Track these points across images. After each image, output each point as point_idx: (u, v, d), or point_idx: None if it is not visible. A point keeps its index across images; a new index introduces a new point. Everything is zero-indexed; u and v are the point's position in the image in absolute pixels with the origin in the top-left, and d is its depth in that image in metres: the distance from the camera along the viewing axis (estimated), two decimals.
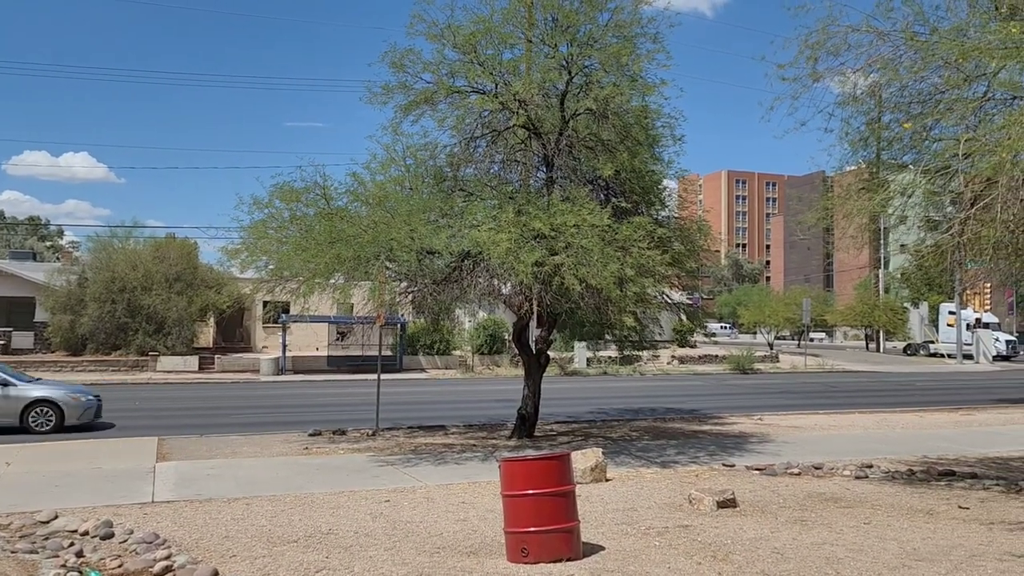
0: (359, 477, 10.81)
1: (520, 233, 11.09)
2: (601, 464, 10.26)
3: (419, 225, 11.67)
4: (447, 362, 38.62)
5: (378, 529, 7.67)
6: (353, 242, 11.75)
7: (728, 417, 18.84)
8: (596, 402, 23.29)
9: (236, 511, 8.47)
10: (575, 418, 18.80)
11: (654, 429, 16.52)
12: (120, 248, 39.31)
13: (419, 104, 12.84)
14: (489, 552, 6.83)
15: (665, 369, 39.90)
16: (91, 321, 35.16)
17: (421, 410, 20.57)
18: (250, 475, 10.88)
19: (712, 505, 8.46)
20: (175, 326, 35.84)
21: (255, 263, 13.59)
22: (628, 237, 11.27)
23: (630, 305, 11.69)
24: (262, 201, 13.36)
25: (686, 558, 6.59)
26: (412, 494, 9.56)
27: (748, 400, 24.30)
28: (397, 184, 13.21)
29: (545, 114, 13.10)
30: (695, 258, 14.24)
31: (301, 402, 23.94)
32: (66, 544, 7.03)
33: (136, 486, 9.96)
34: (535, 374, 15.27)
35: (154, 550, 6.84)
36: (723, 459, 12.25)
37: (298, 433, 15.31)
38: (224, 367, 35.14)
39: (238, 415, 19.97)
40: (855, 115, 11.08)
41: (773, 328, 55.22)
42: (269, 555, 6.67)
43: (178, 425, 17.07)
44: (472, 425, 17.12)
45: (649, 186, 13.22)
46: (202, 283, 37.73)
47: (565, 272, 10.80)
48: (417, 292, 13.17)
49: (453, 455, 12.88)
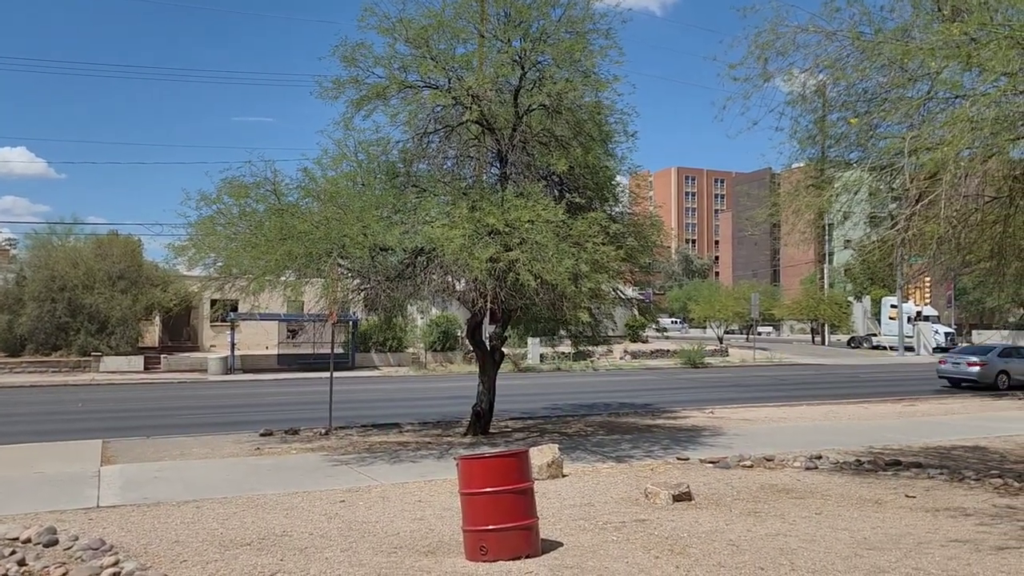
0: (313, 477, 10.65)
1: (474, 229, 11.03)
2: (557, 460, 10.27)
3: (372, 221, 11.53)
4: (400, 359, 38.38)
5: (334, 530, 7.56)
6: (304, 239, 11.57)
7: (681, 411, 19.06)
8: (550, 398, 23.36)
9: (186, 514, 8.26)
10: (530, 414, 18.82)
11: (609, 424, 16.63)
12: (60, 245, 38.15)
13: (371, 99, 12.69)
14: (447, 551, 6.77)
15: (618, 364, 40.25)
16: (30, 321, 34.04)
17: (375, 408, 20.38)
18: (200, 477, 10.63)
19: (668, 499, 8.53)
20: (119, 325, 34.92)
21: (203, 260, 13.27)
22: (582, 233, 11.30)
23: (585, 301, 11.72)
24: (210, 197, 13.06)
25: (644, 552, 6.63)
26: (367, 493, 9.44)
27: (700, 394, 24.64)
28: (349, 180, 13.03)
29: (498, 110, 13.05)
30: (648, 253, 14.36)
31: (251, 402, 23.52)
32: (7, 552, 6.76)
33: (80, 491, 9.65)
34: (490, 370, 15.23)
35: (100, 557, 6.63)
36: (677, 453, 12.37)
37: (249, 433, 15.03)
38: (171, 367, 34.38)
39: (186, 416, 19.53)
40: (804, 114, 11.27)
41: (723, 323, 56.12)
42: (221, 559, 6.51)
43: (123, 427, 16.62)
44: (427, 423, 17.01)
45: (603, 182, 13.28)
46: (147, 281, 36.84)
47: (520, 268, 10.78)
48: (370, 289, 13.01)
49: (408, 453, 12.77)
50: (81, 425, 17.39)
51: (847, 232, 19.62)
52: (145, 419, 18.65)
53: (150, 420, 18.34)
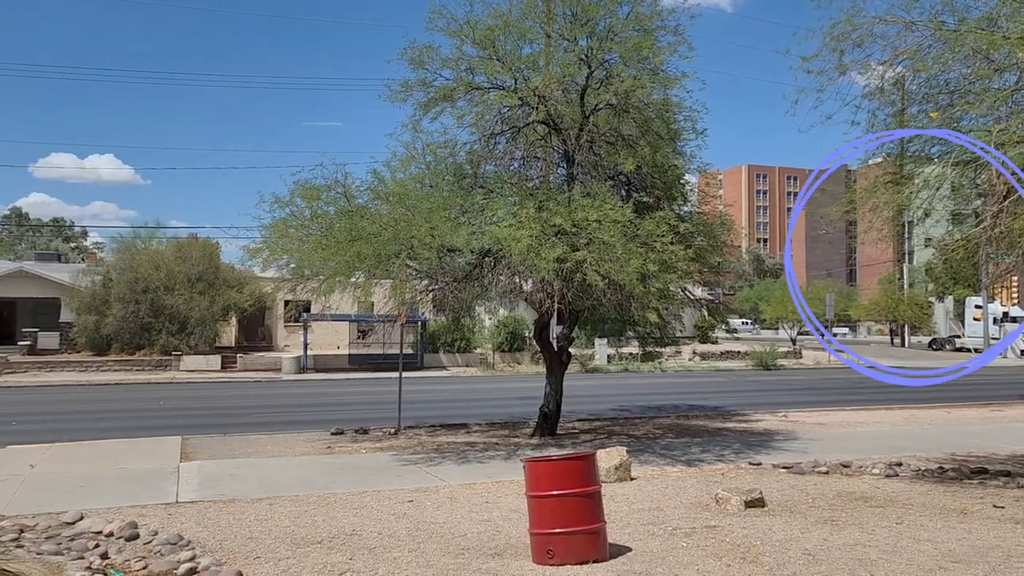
0: (382, 476, 10.77)
1: (541, 229, 10.99)
2: (625, 463, 10.14)
3: (440, 222, 11.60)
4: (468, 360, 38.61)
5: (402, 530, 7.62)
6: (374, 240, 11.71)
7: (752, 414, 18.64)
8: (618, 399, 23.16)
9: (260, 511, 8.45)
10: (597, 415, 18.68)
11: (677, 426, 16.37)
12: (143, 249, 39.67)
13: (438, 101, 12.77)
14: (514, 553, 6.74)
15: (687, 366, 39.66)
16: (115, 321, 35.49)
17: (443, 408, 20.54)
18: (273, 475, 10.87)
19: (739, 505, 8.33)
20: (198, 325, 36.11)
21: (276, 262, 13.58)
22: (651, 232, 11.14)
23: (653, 301, 11.55)
24: (283, 199, 13.36)
25: (715, 559, 6.47)
26: (435, 494, 9.50)
27: (772, 397, 24.06)
28: (417, 182, 13.15)
29: (565, 109, 12.98)
30: (718, 253, 14.08)
31: (323, 401, 24.00)
32: (91, 545, 7.03)
33: (160, 486, 9.98)
34: (557, 371, 15.16)
35: (178, 551, 6.82)
36: (749, 457, 12.09)
37: (320, 432, 15.31)
38: (246, 366, 35.35)
39: (260, 414, 20.04)
40: (881, 107, 10.87)
41: (796, 324, 54.70)
42: (293, 556, 6.63)
43: (201, 424, 17.14)
44: (494, 423, 17.05)
45: (671, 181, 13.07)
46: (224, 283, 37.98)
47: (587, 268, 10.69)
48: (438, 290, 13.10)
49: (476, 454, 12.81)
50: (162, 422, 18.01)
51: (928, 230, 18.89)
52: (222, 417, 19.21)
53: (227, 418, 18.88)
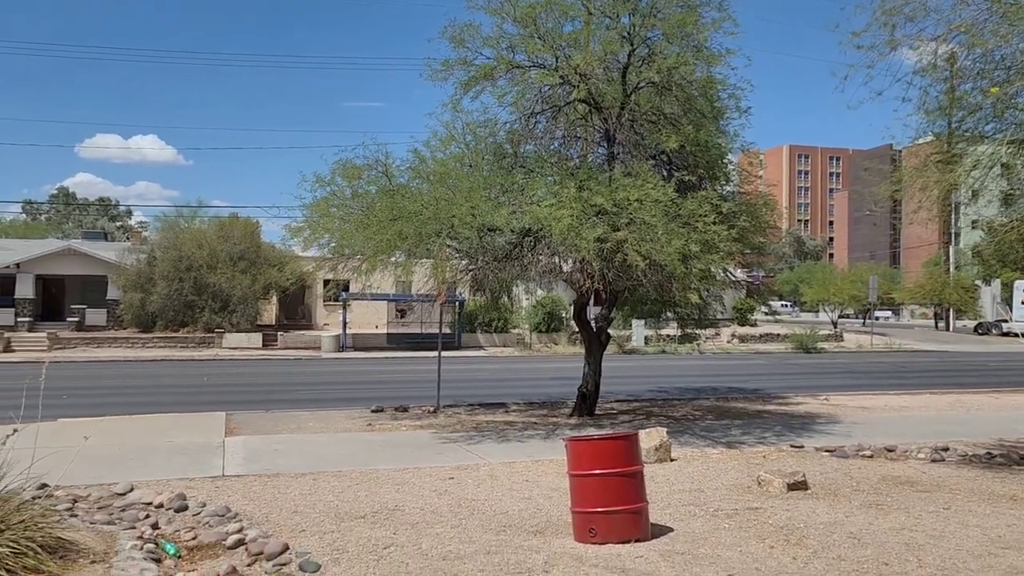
0: (423, 454, 10.88)
1: (581, 209, 10.93)
2: (665, 444, 10.10)
3: (480, 202, 11.60)
4: (505, 340, 38.72)
5: (443, 506, 7.69)
6: (414, 219, 11.75)
7: (793, 397, 18.43)
8: (656, 380, 23.07)
9: (304, 486, 8.59)
10: (635, 396, 18.63)
11: (717, 408, 16.26)
12: (186, 227, 40.37)
13: (479, 80, 12.72)
14: (556, 531, 6.77)
15: (725, 348, 39.36)
16: (160, 299, 36.23)
17: (481, 387, 20.65)
18: (316, 450, 11.03)
19: (782, 487, 8.25)
20: (240, 304, 36.71)
21: (317, 241, 13.70)
22: (693, 212, 11.02)
23: (694, 282, 11.44)
24: (324, 179, 13.45)
25: (758, 541, 6.43)
26: (476, 471, 9.56)
27: (813, 380, 23.77)
28: (457, 161, 13.14)
29: (606, 88, 12.85)
30: (761, 233, 13.89)
31: (362, 379, 24.28)
32: (142, 516, 7.20)
33: (207, 460, 10.19)
34: (595, 352, 15.14)
35: (226, 523, 6.97)
36: (791, 440, 11.97)
37: (361, 409, 15.50)
38: (287, 344, 35.88)
39: (301, 391, 20.35)
40: (934, 83, 10.55)
41: (837, 306, 53.89)
42: (338, 530, 6.73)
43: (245, 400, 17.46)
44: (532, 403, 17.10)
45: (714, 160, 12.88)
46: (265, 261, 38.52)
47: (628, 248, 10.62)
48: (477, 270, 13.12)
49: (515, 433, 12.87)
50: (206, 398, 18.38)
51: (977, 211, 18.40)
52: (264, 393, 19.54)
53: (269, 395, 19.20)
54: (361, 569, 5.66)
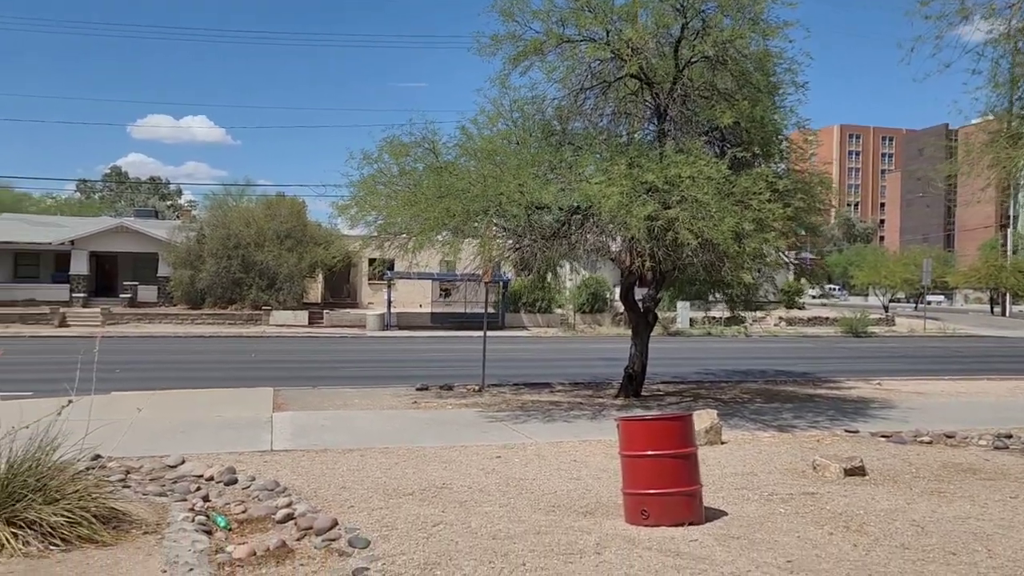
0: (469, 432, 10.83)
1: (632, 186, 10.71)
2: (716, 426, 9.90)
3: (528, 179, 11.44)
4: (549, 320, 38.60)
5: (491, 485, 7.61)
6: (462, 196, 11.64)
7: (844, 381, 18.02)
8: (702, 362, 22.77)
9: (351, 462, 8.59)
10: (681, 378, 18.39)
11: (766, 391, 15.95)
12: (234, 206, 40.91)
13: (528, 54, 12.50)
14: (606, 512, 6.64)
15: (772, 331, 38.73)
16: (209, 276, 36.81)
17: (525, 367, 20.57)
18: (363, 427, 11.06)
19: (839, 472, 8.01)
20: (286, 281, 37.13)
21: (364, 218, 13.68)
22: (747, 190, 10.71)
23: (748, 261, 11.16)
24: (371, 156, 13.42)
25: (816, 527, 6.23)
26: (523, 450, 9.48)
27: (864, 364, 23.24)
28: (504, 139, 12.98)
29: (657, 63, 12.56)
30: (816, 213, 13.49)
31: (406, 357, 24.39)
32: (193, 488, 7.26)
33: (255, 434, 10.27)
34: (642, 333, 14.94)
35: (275, 497, 6.98)
36: (844, 424, 11.66)
37: (406, 387, 15.53)
38: (332, 322, 36.23)
39: (347, 368, 20.50)
40: (1005, 55, 10.10)
41: (888, 290, 52.63)
42: (386, 507, 6.69)
43: (291, 377, 17.62)
44: (577, 383, 16.98)
45: (768, 136, 12.49)
46: (311, 240, 38.86)
47: (679, 226, 10.38)
48: (525, 248, 12.97)
49: (561, 412, 12.76)
50: (254, 373, 18.60)
51: None
52: (310, 370, 19.73)
53: (315, 371, 19.37)
54: (410, 546, 5.60)
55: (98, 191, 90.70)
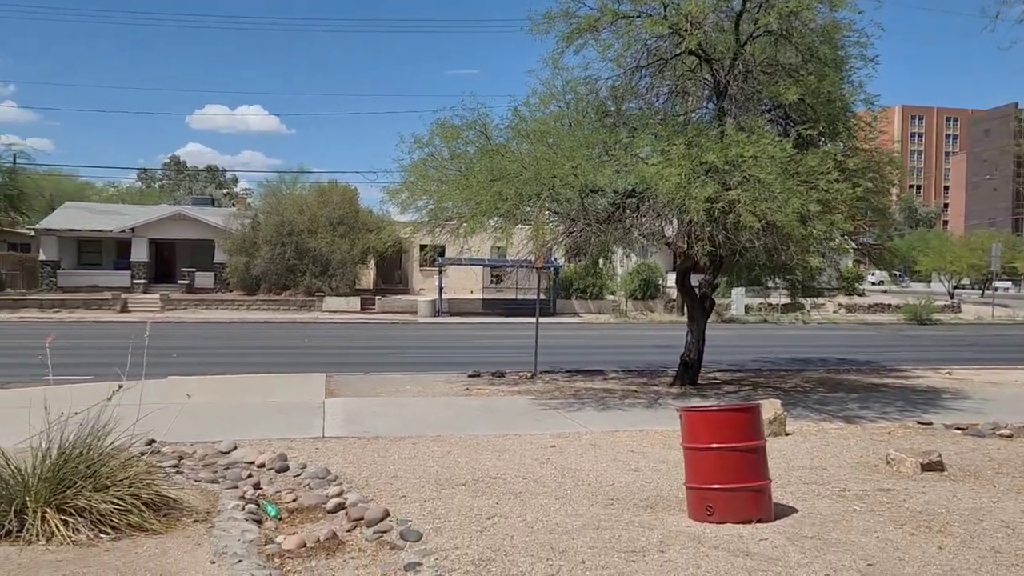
0: (522, 420, 10.60)
1: (691, 167, 10.29)
2: (780, 417, 9.48)
3: (582, 161, 11.10)
4: (600, 307, 38.16)
5: (546, 475, 7.36)
6: (514, 179, 11.36)
7: (911, 370, 17.31)
8: (759, 350, 22.16)
9: (403, 450, 8.42)
10: (739, 366, 17.90)
11: (829, 380, 15.38)
12: (288, 193, 41.28)
13: (582, 32, 12.11)
14: (667, 507, 6.34)
15: (831, 318, 37.67)
16: (263, 262, 37.26)
17: (577, 354, 20.27)
18: (414, 414, 10.91)
19: (915, 467, 7.55)
20: (339, 268, 37.39)
21: (415, 203, 13.50)
22: (813, 169, 10.20)
23: (814, 244, 10.65)
24: (423, 139, 13.23)
25: (895, 527, 5.83)
26: (577, 440, 9.20)
27: (930, 353, 22.34)
28: (557, 121, 12.65)
29: (717, 38, 12.06)
30: (885, 195, 12.86)
31: (458, 343, 24.28)
32: (244, 475, 7.17)
33: (307, 420, 10.19)
34: (699, 319, 14.51)
35: (326, 486, 6.84)
36: (915, 416, 11.11)
37: (457, 374, 15.37)
38: (384, 308, 36.35)
39: (399, 354, 20.45)
40: None
41: (953, 276, 50.79)
42: (438, 498, 6.49)
43: (343, 363, 17.61)
44: (631, 371, 16.63)
45: (836, 113, 11.89)
46: (363, 226, 39.02)
47: (741, 208, 9.93)
48: (578, 232, 12.64)
49: (615, 400, 12.45)
50: (307, 359, 18.67)
51: None
52: (362, 356, 19.72)
53: (367, 357, 19.36)
54: (463, 540, 5.38)
55: (158, 180, 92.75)
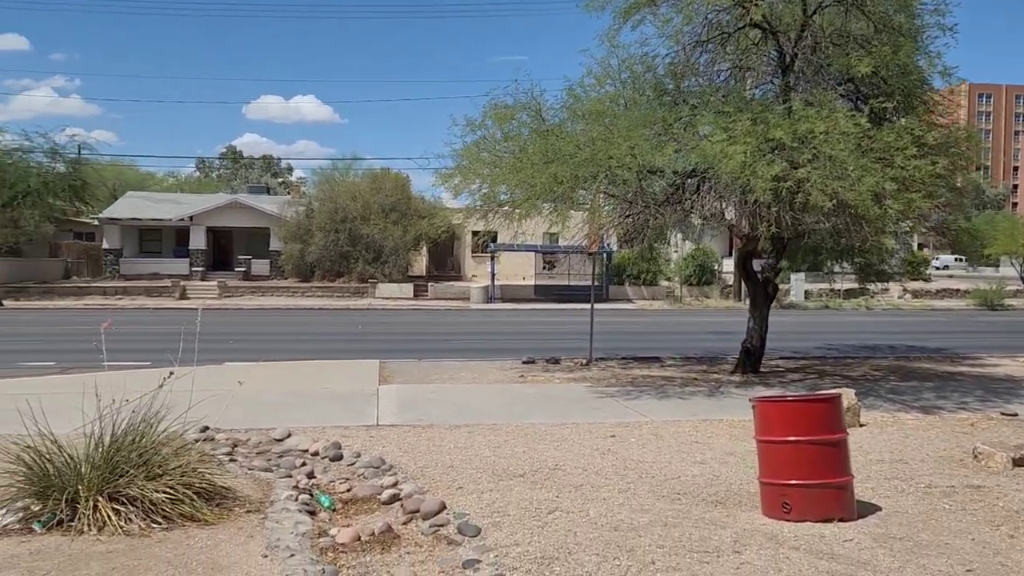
0: (579, 408, 10.29)
1: (756, 144, 9.79)
2: (854, 407, 8.99)
3: (640, 141, 10.68)
4: (654, 293, 37.55)
5: (608, 467, 7.04)
6: (570, 161, 10.99)
7: (986, 357, 16.50)
8: (822, 337, 21.44)
9: (459, 439, 8.19)
10: (802, 353, 17.29)
11: (900, 369, 14.71)
12: (341, 181, 41.50)
13: (640, 6, 11.66)
14: (739, 503, 5.97)
15: (895, 303, 36.45)
16: (317, 249, 37.56)
17: (631, 341, 19.84)
18: (469, 401, 10.68)
19: (1006, 462, 7.03)
20: (392, 255, 37.49)
21: (468, 187, 13.24)
22: (889, 145, 9.61)
23: (890, 224, 10.06)
24: (475, 122, 12.94)
25: (991, 528, 5.38)
26: (638, 429, 8.86)
27: (1005, 339, 21.34)
28: (612, 101, 12.23)
29: (783, 9, 11.51)
30: (963, 173, 12.14)
31: (511, 330, 24.05)
32: (298, 464, 7.02)
33: (361, 408, 10.04)
34: (761, 305, 14.00)
35: (381, 476, 6.64)
36: (998, 406, 10.48)
37: (511, 360, 15.12)
38: (436, 294, 36.33)
39: (452, 341, 20.30)
40: None
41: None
42: (496, 490, 6.23)
43: (397, 349, 17.51)
44: (689, 358, 16.17)
45: (911, 86, 11.22)
46: (415, 213, 39.04)
47: (812, 187, 9.41)
48: (636, 215, 12.22)
49: (675, 389, 12.05)
50: (360, 346, 18.63)
51: None
52: (415, 343, 19.62)
53: (420, 343, 19.24)
54: (524, 536, 5.11)
55: (215, 169, 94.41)
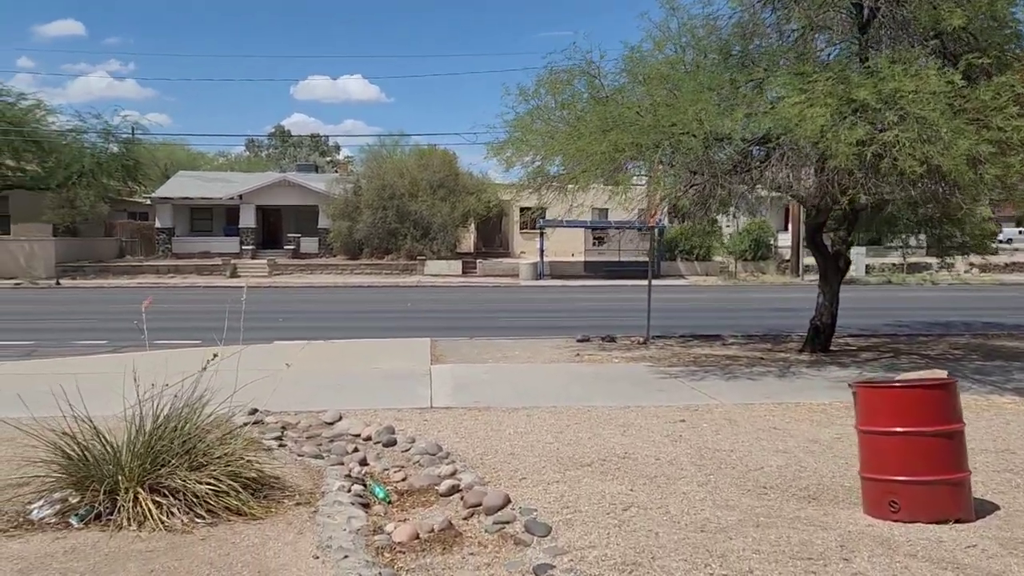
0: (642, 389, 9.73)
1: (837, 106, 9.03)
2: None
3: (707, 105, 9.98)
4: (707, 268, 36.63)
5: (682, 456, 6.49)
6: (631, 128, 10.34)
7: None
8: (890, 313, 20.46)
9: (518, 423, 7.71)
10: (871, 331, 16.46)
11: (981, 347, 13.80)
12: (388, 157, 41.19)
13: None
14: (834, 499, 5.38)
15: (962, 278, 34.91)
16: (365, 227, 37.40)
17: (688, 318, 19.14)
18: (525, 382, 10.19)
19: None
20: (440, 231, 37.15)
21: (520, 159, 12.68)
22: (986, 104, 8.76)
23: (986, 191, 9.23)
24: (528, 91, 12.35)
25: None
26: (709, 413, 8.27)
27: None
28: (672, 66, 11.52)
29: None
30: None
31: (562, 307, 23.52)
32: (350, 449, 6.62)
33: (414, 389, 9.63)
34: (832, 280, 13.24)
35: (438, 464, 6.19)
36: None
37: (565, 338, 14.60)
38: (485, 271, 35.93)
39: (502, 318, 19.86)
40: None
41: None
42: (563, 480, 5.74)
43: (447, 327, 17.11)
44: (751, 336, 15.46)
45: (1007, 39, 10.28)
46: (463, 189, 38.61)
47: (900, 152, 8.63)
48: (701, 186, 11.52)
49: (741, 369, 11.40)
50: (410, 323, 18.29)
51: None
52: (466, 320, 19.21)
53: (470, 321, 18.83)
54: (600, 536, 4.61)
55: (264, 149, 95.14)
